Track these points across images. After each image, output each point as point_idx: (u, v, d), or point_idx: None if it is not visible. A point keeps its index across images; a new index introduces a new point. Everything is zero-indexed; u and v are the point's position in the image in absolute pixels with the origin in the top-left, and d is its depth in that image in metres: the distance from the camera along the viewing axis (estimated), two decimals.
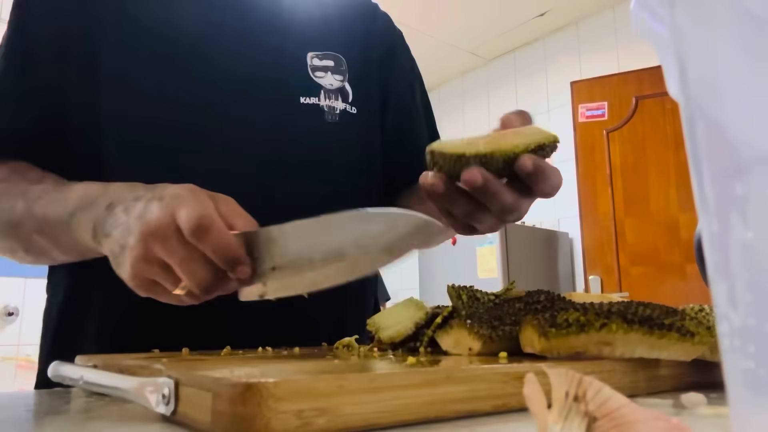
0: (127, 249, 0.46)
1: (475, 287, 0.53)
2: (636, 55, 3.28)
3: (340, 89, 0.77)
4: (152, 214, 0.45)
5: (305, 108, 0.73)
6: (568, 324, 0.37)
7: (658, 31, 0.19)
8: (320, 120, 0.74)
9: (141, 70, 0.66)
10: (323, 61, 0.77)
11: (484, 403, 0.31)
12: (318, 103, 0.74)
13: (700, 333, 0.37)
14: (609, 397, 0.19)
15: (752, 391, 0.16)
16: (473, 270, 3.17)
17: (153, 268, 0.46)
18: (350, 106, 0.76)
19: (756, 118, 0.16)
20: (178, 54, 0.68)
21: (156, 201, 0.46)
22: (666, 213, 3.04)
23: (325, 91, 0.75)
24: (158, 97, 0.66)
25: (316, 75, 0.76)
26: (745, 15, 0.16)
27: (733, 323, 0.16)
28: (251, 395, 0.24)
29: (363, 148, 0.78)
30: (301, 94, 0.73)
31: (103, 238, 0.50)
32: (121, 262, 0.47)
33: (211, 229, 0.44)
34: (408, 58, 0.90)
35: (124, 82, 0.66)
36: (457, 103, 4.35)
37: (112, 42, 0.66)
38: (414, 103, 0.87)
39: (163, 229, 0.44)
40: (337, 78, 0.77)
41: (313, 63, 0.76)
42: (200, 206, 0.45)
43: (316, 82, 0.75)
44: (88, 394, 0.41)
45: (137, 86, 0.66)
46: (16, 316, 3.07)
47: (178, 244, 0.44)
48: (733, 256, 0.16)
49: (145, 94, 0.66)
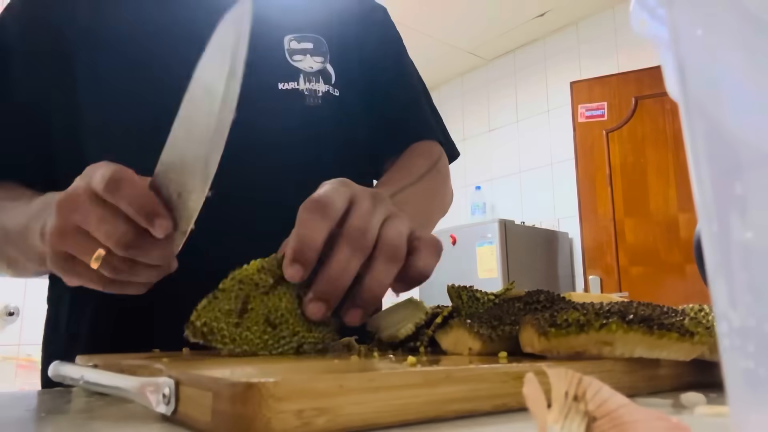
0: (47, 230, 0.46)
1: (475, 287, 0.53)
2: (636, 56, 3.28)
3: (320, 71, 0.75)
4: (68, 188, 0.45)
5: (284, 93, 0.71)
6: (567, 324, 0.37)
7: (657, 31, 0.19)
8: (301, 105, 0.72)
9: (114, 69, 0.66)
10: (301, 43, 0.75)
11: (484, 402, 0.31)
12: (297, 87, 0.72)
13: (699, 333, 0.37)
14: (608, 396, 0.19)
15: (751, 390, 0.16)
16: (473, 270, 3.17)
17: (69, 239, 0.45)
18: (333, 88, 0.75)
19: (756, 118, 0.16)
20: (151, 52, 0.67)
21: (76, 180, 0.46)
22: (665, 213, 3.05)
23: (305, 75, 0.73)
24: (132, 95, 0.65)
25: (294, 59, 0.74)
26: (745, 15, 0.16)
27: (733, 323, 0.16)
28: (251, 395, 0.24)
29: (347, 132, 0.76)
30: (279, 80, 0.72)
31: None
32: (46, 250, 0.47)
33: (123, 180, 0.43)
34: (389, 32, 0.88)
35: (99, 81, 0.65)
36: (457, 103, 4.35)
37: (87, 42, 0.66)
38: (393, 71, 0.85)
39: (76, 194, 0.44)
40: (317, 60, 0.75)
41: (291, 46, 0.74)
42: (114, 166, 0.44)
43: (295, 66, 0.73)
44: (89, 393, 0.41)
45: (112, 85, 0.65)
46: (17, 316, 3.07)
47: (91, 204, 0.44)
48: (732, 256, 0.16)
49: (120, 92, 0.65)
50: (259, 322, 0.42)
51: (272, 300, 0.42)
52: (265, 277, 0.42)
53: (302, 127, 0.72)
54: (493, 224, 3.21)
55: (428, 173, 0.77)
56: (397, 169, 0.77)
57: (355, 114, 0.78)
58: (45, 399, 0.41)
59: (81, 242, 0.45)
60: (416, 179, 0.73)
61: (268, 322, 0.42)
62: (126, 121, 0.65)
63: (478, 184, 4.07)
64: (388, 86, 0.83)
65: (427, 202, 0.75)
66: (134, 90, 0.66)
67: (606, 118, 3.28)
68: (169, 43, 0.68)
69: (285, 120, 0.71)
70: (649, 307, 0.39)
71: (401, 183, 0.70)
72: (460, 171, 4.19)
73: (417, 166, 0.77)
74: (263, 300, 0.42)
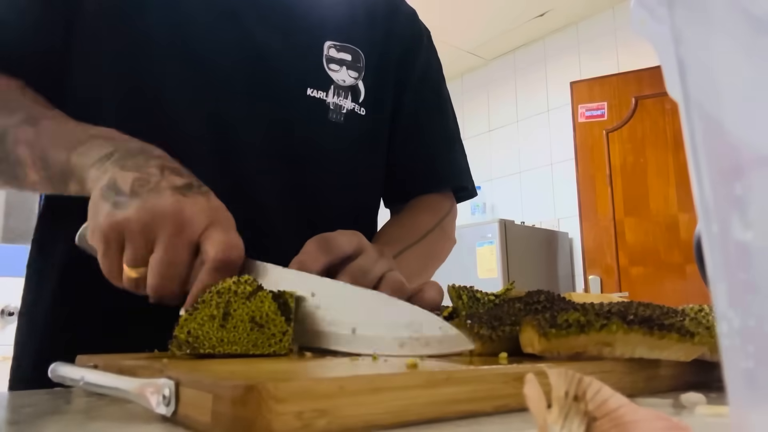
0: (130, 205, 0.43)
1: (475, 287, 0.53)
2: (636, 56, 3.28)
3: (352, 87, 0.71)
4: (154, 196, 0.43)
5: (310, 101, 0.68)
6: (568, 324, 0.37)
7: (657, 31, 0.19)
8: (323, 117, 0.69)
9: (114, 51, 0.63)
10: (341, 53, 0.71)
11: (485, 403, 0.31)
12: (325, 99, 0.69)
13: (699, 333, 0.37)
14: (608, 396, 0.19)
15: (751, 390, 0.16)
16: (473, 270, 3.17)
17: (139, 240, 0.43)
18: (359, 107, 0.71)
19: (756, 118, 0.16)
20: (161, 32, 0.63)
21: (199, 195, 0.45)
22: (665, 213, 3.05)
23: (336, 87, 0.69)
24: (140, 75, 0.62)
25: (330, 67, 0.70)
26: (744, 15, 0.16)
27: (733, 323, 0.16)
28: (252, 396, 0.24)
29: (363, 154, 0.73)
30: (310, 85, 0.68)
31: (116, 170, 0.46)
32: (105, 208, 0.44)
33: (235, 264, 0.43)
34: (429, 59, 0.84)
35: (96, 65, 0.62)
36: (457, 103, 4.33)
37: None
38: (430, 109, 0.82)
39: (166, 219, 0.42)
40: (351, 74, 0.71)
41: (330, 54, 0.70)
42: (235, 237, 0.44)
43: (328, 75, 0.69)
44: (89, 393, 0.41)
45: (110, 66, 0.62)
46: (17, 316, 3.07)
47: (175, 238, 0.43)
48: (732, 256, 0.16)
49: (127, 74, 0.62)
50: (245, 321, 0.42)
51: (254, 303, 0.42)
52: (243, 286, 0.42)
53: (318, 138, 0.69)
54: (493, 224, 3.21)
55: (432, 232, 0.75)
56: (399, 225, 0.75)
57: (375, 136, 0.75)
58: (44, 399, 0.41)
59: (135, 250, 0.44)
60: (419, 238, 0.72)
61: (254, 323, 0.42)
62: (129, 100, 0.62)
63: (478, 184, 4.05)
64: (425, 121, 0.80)
65: (425, 261, 0.75)
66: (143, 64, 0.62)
67: (606, 118, 3.28)
68: (188, 17, 0.64)
69: (303, 127, 0.68)
70: (649, 308, 0.39)
71: (403, 243, 0.69)
72: None
73: (422, 222, 0.75)
74: (245, 303, 0.42)
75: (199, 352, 0.40)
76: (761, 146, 0.16)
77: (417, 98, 0.80)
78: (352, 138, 0.71)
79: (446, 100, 0.86)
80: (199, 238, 0.44)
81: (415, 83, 0.80)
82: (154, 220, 0.43)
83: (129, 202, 0.44)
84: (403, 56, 0.79)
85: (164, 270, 0.43)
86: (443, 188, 0.82)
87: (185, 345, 0.40)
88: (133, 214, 0.43)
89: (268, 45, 0.66)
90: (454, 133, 0.85)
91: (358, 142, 0.72)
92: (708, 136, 0.17)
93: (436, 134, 0.82)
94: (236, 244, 0.44)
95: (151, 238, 0.43)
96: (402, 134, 0.78)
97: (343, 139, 0.70)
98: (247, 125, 0.65)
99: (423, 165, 0.80)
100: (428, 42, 0.86)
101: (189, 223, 0.43)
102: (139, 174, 0.45)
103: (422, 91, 0.81)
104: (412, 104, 0.79)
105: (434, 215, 0.78)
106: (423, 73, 0.82)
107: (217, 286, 0.42)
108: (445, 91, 0.86)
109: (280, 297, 0.43)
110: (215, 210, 0.45)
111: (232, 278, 0.43)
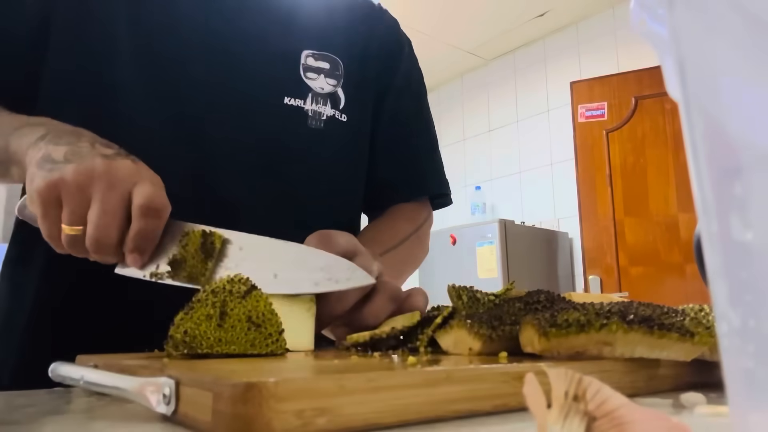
0: (65, 169, 0.47)
1: (475, 287, 0.53)
2: (635, 56, 3.28)
3: (331, 94, 0.72)
4: (85, 150, 0.48)
5: (288, 109, 0.69)
6: (568, 324, 0.37)
7: (657, 31, 0.19)
8: (302, 124, 0.70)
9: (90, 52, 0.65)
10: (318, 62, 0.72)
11: (485, 402, 0.31)
12: (302, 106, 0.70)
13: (699, 333, 0.37)
14: (608, 396, 0.19)
15: (751, 390, 0.16)
16: (473, 270, 3.17)
17: (65, 198, 0.47)
18: (340, 113, 0.73)
19: (756, 119, 0.16)
20: (143, 36, 0.65)
21: (123, 158, 0.49)
22: (665, 213, 3.05)
23: (314, 95, 0.71)
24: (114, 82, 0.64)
25: (308, 76, 0.71)
26: (745, 15, 0.16)
27: (733, 323, 0.16)
28: (252, 395, 0.24)
29: (344, 159, 0.74)
30: (287, 93, 0.69)
31: (50, 146, 0.50)
32: (40, 174, 0.47)
33: (163, 212, 0.47)
34: (410, 68, 0.85)
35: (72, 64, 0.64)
36: (457, 103, 4.35)
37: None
38: (410, 117, 0.84)
39: (95, 170, 0.46)
40: (329, 82, 0.72)
41: (307, 62, 0.72)
42: (158, 189, 0.48)
43: (306, 84, 0.71)
44: (89, 393, 0.41)
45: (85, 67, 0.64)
46: None
47: (108, 192, 0.46)
48: (732, 256, 0.16)
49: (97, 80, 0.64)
50: (242, 320, 0.42)
51: (250, 302, 0.42)
52: (237, 285, 0.42)
53: (298, 146, 0.70)
54: (493, 224, 3.21)
55: (408, 239, 0.79)
56: (378, 230, 0.78)
57: (356, 143, 0.76)
58: (45, 399, 0.41)
59: (72, 208, 0.47)
60: (396, 244, 0.76)
61: (251, 322, 0.42)
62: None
63: (478, 184, 4.07)
64: (406, 130, 0.82)
65: (401, 267, 0.78)
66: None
67: (606, 118, 3.28)
68: (167, 21, 0.66)
69: (282, 135, 0.69)
70: (649, 308, 0.39)
71: (381, 248, 0.71)
72: (459, 171, 4.19)
73: (400, 229, 0.79)
74: (241, 303, 0.42)
75: (196, 352, 0.40)
76: (761, 146, 0.16)
77: (398, 106, 0.82)
78: (334, 144, 0.73)
79: (426, 109, 0.88)
80: (129, 194, 0.48)
81: (396, 92, 0.82)
82: (88, 178, 0.47)
83: (63, 167, 0.48)
84: (384, 65, 0.80)
85: (101, 220, 0.46)
86: (423, 196, 0.84)
87: (182, 345, 0.40)
88: (68, 174, 0.47)
89: (243, 54, 0.68)
90: (433, 141, 0.87)
91: (340, 148, 0.73)
92: (708, 136, 0.17)
93: (416, 143, 0.84)
94: (161, 194, 0.48)
95: (86, 196, 0.47)
96: (383, 142, 0.80)
97: (325, 145, 0.72)
98: (223, 135, 0.66)
99: (404, 173, 0.82)
100: (409, 51, 0.87)
101: (120, 179, 0.47)
102: (70, 147, 0.49)
103: (403, 99, 0.83)
104: (393, 112, 0.81)
105: (411, 223, 0.81)
106: (404, 81, 0.84)
107: (211, 285, 0.42)
108: (425, 100, 0.88)
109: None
110: (143, 169, 0.49)
111: (225, 277, 0.43)
